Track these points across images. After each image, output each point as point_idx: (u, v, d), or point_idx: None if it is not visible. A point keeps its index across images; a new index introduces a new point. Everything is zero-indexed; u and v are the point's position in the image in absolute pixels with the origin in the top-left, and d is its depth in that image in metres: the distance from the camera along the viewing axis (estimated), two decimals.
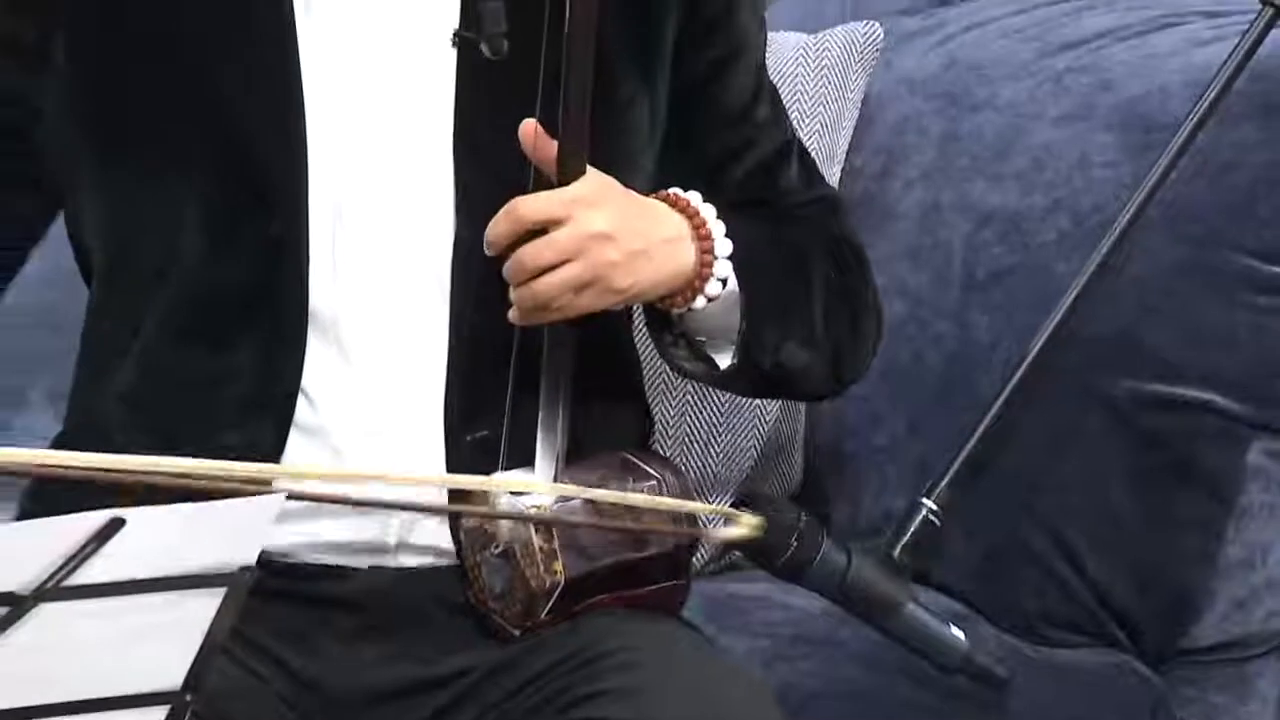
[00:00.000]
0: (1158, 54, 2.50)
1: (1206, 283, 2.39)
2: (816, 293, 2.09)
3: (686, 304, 2.01)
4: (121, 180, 2.06)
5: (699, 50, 2.11)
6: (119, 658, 1.55)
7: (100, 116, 2.06)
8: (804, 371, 2.09)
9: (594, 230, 1.95)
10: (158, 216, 2.04)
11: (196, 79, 2.03)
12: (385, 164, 2.04)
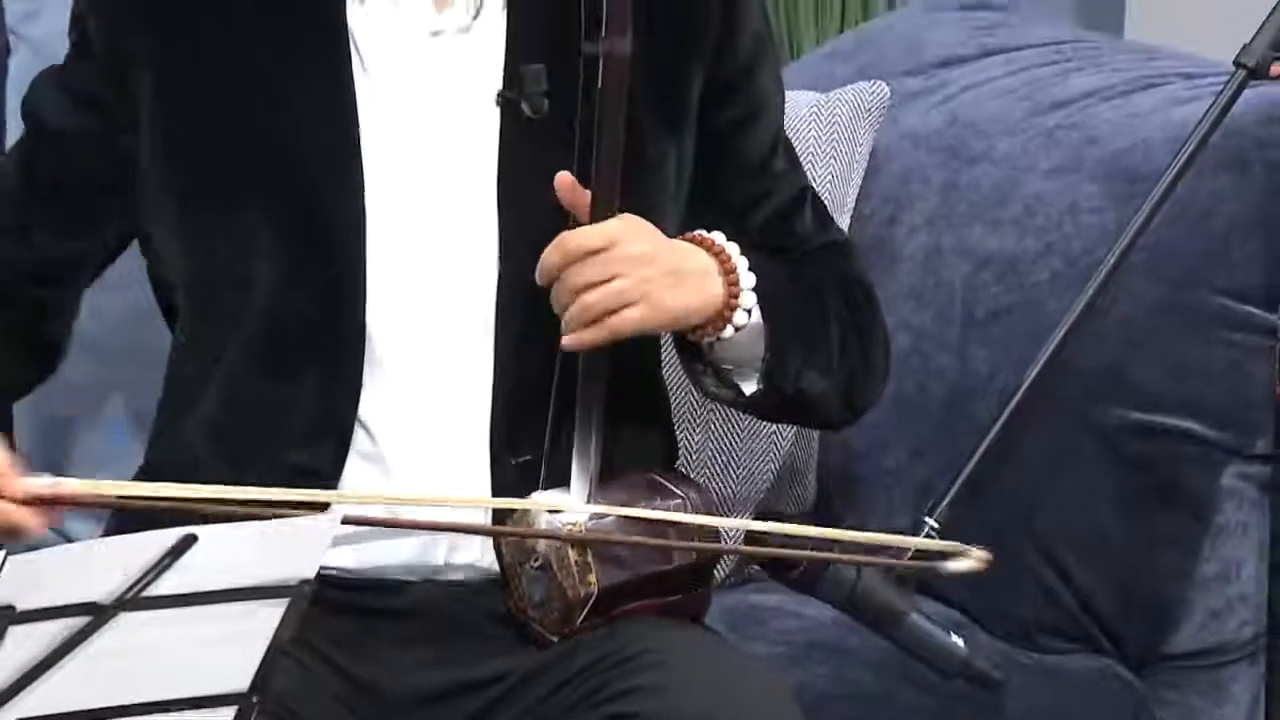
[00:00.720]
0: (1140, 112, 2.50)
1: (1186, 320, 2.38)
2: (832, 326, 2.08)
3: (715, 333, 2.00)
4: (200, 226, 2.06)
5: (722, 109, 2.11)
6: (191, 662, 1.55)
7: (179, 168, 2.06)
8: (822, 397, 2.08)
9: (635, 252, 1.94)
10: (232, 258, 2.04)
11: (265, 133, 2.04)
12: (436, 210, 2.04)
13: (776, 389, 2.04)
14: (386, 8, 2.07)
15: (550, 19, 2.04)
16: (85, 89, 2.09)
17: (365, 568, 2.02)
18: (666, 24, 2.06)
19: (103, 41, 2.08)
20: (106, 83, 2.07)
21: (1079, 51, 2.69)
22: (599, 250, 1.93)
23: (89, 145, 2.09)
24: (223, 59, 2.05)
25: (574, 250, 1.93)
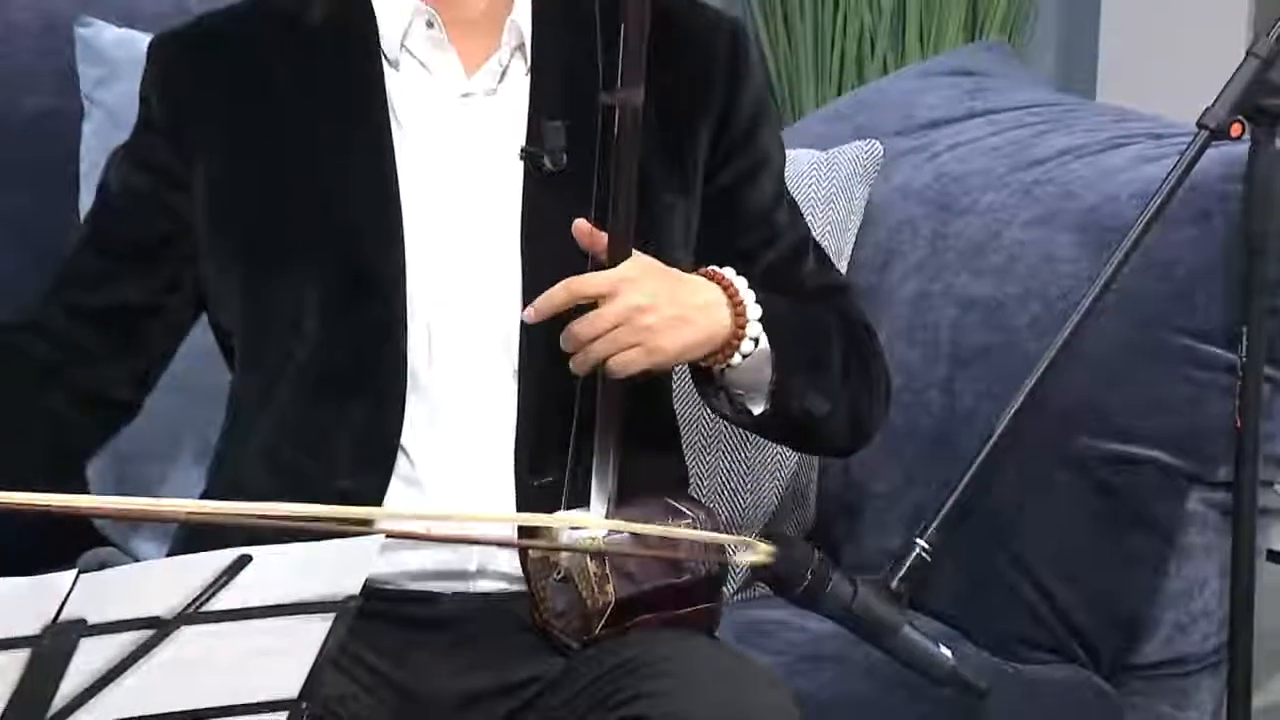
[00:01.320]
0: (1111, 169, 2.50)
1: (1153, 359, 2.38)
2: (835, 354, 2.08)
3: (725, 360, 2.00)
4: (253, 278, 2.07)
5: (727, 164, 2.12)
6: (246, 671, 1.55)
7: (235, 226, 2.07)
8: (827, 419, 2.08)
9: (635, 303, 1.95)
10: (284, 304, 2.05)
11: (313, 192, 2.05)
12: (466, 256, 2.05)
13: (783, 410, 2.04)
14: (421, 75, 2.08)
15: (569, 80, 2.05)
16: (148, 157, 2.10)
17: (405, 582, 2.03)
18: (677, 85, 2.06)
19: (164, 118, 2.10)
20: (168, 151, 2.09)
21: (1055, 113, 2.69)
22: (604, 295, 1.94)
23: (150, 207, 2.10)
24: (273, 126, 2.06)
25: (579, 292, 1.94)
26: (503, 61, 2.07)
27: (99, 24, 2.58)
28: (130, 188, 2.11)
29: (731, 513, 2.52)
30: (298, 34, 2.09)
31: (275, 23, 2.10)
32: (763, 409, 2.04)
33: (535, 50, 2.07)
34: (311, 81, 2.07)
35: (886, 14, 3.63)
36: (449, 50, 2.07)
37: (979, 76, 2.82)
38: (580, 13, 2.06)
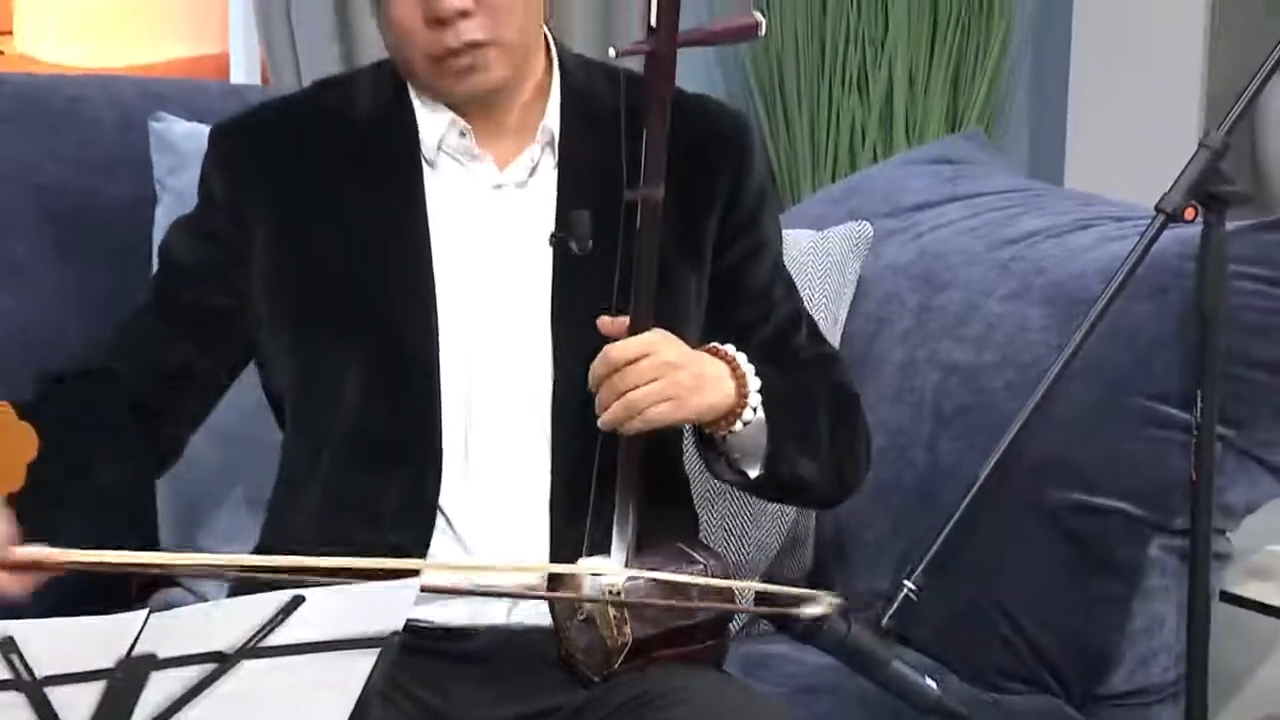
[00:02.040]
0: (1078, 248, 2.50)
1: (1117, 419, 2.38)
2: (822, 422, 2.08)
3: (728, 427, 2.00)
4: (300, 350, 2.07)
5: (732, 246, 2.12)
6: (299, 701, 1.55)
7: (285, 302, 2.07)
8: (813, 481, 2.08)
9: (668, 359, 1.94)
10: (329, 376, 2.04)
11: (355, 274, 2.05)
12: (499, 332, 2.05)
13: (775, 474, 2.04)
14: (457, 170, 2.08)
15: (594, 172, 2.05)
16: (208, 232, 2.10)
17: (444, 620, 2.02)
18: (691, 175, 2.07)
19: (224, 195, 2.09)
20: (227, 228, 2.09)
21: (1027, 198, 2.69)
22: (638, 357, 1.94)
23: (209, 277, 2.09)
24: (321, 214, 2.06)
25: (616, 359, 1.94)
26: (534, 157, 2.08)
27: (170, 119, 2.59)
28: (190, 257, 2.11)
29: (738, 557, 2.51)
30: (346, 128, 2.09)
31: (326, 116, 2.10)
32: (758, 473, 2.04)
33: (563, 145, 2.08)
34: (357, 173, 2.07)
35: (875, 108, 3.64)
36: (482, 155, 2.07)
37: (959, 164, 2.82)
38: (604, 109, 2.06)
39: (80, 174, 2.56)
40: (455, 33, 1.98)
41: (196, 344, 2.10)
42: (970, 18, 3.65)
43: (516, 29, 2.01)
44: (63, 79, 2.73)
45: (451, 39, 1.99)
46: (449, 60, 2.00)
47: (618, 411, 1.94)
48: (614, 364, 1.94)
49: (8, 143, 2.53)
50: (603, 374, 1.94)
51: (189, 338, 2.10)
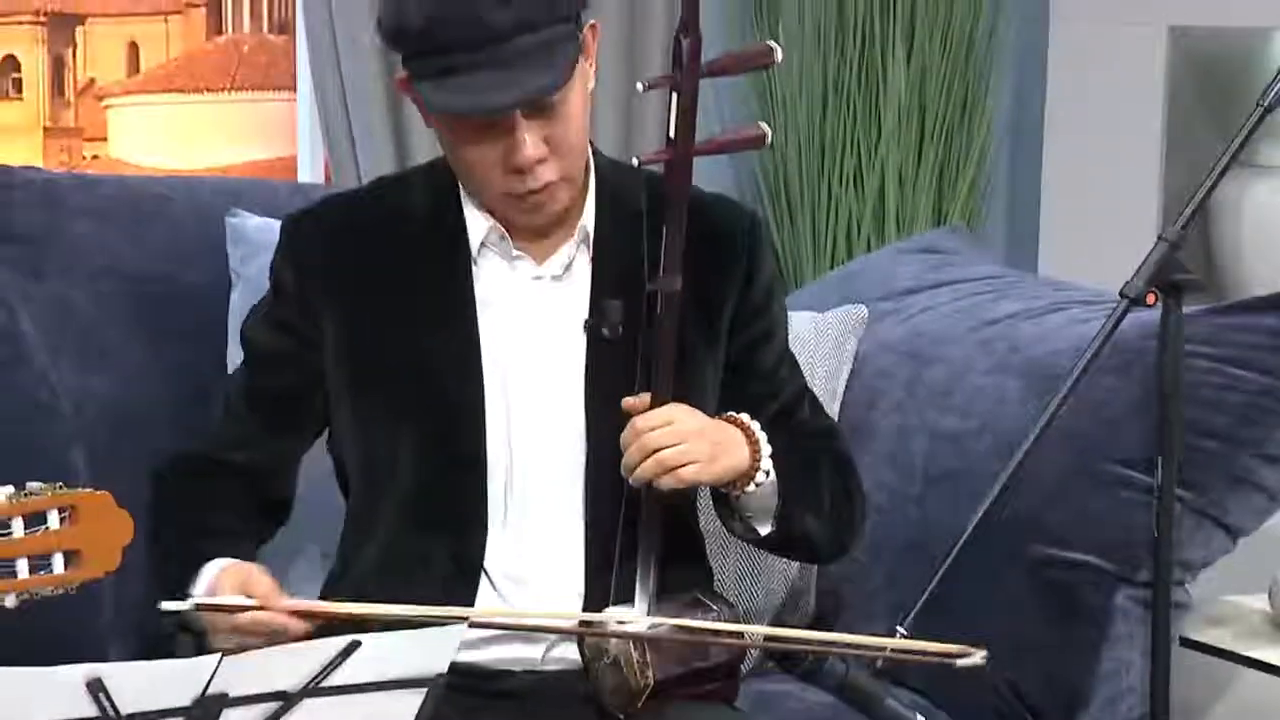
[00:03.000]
0: (1051, 328, 2.50)
1: (1087, 481, 2.37)
2: (824, 487, 2.07)
3: (741, 489, 1.99)
4: (363, 423, 2.07)
5: (745, 329, 2.11)
6: None
7: (350, 381, 2.07)
8: (817, 537, 2.07)
9: (690, 428, 1.93)
10: (387, 446, 2.04)
11: (412, 357, 2.04)
12: (538, 407, 2.04)
13: (785, 530, 2.03)
14: (502, 266, 2.07)
15: (623, 264, 2.04)
16: (281, 320, 2.10)
17: (484, 662, 2.01)
18: (708, 266, 2.06)
19: (293, 287, 2.09)
20: (296, 315, 2.08)
21: (1006, 284, 2.69)
22: (661, 425, 1.92)
23: (287, 363, 2.09)
24: (379, 300, 2.06)
25: (642, 429, 1.93)
26: (570, 254, 2.07)
27: (244, 214, 2.60)
28: (269, 347, 2.11)
29: (748, 605, 2.50)
30: (403, 223, 2.08)
31: (385, 212, 2.10)
32: (769, 530, 2.03)
33: (596, 241, 2.07)
34: (412, 263, 2.07)
35: (870, 204, 3.64)
36: (521, 254, 2.06)
37: (944, 254, 2.82)
38: (632, 208, 2.05)
39: (165, 264, 2.56)
40: (534, 177, 1.97)
41: (289, 428, 2.10)
42: (954, 125, 3.66)
43: (580, 161, 2.01)
44: (150, 180, 2.74)
45: (531, 182, 1.97)
46: (525, 199, 1.99)
47: (649, 467, 1.93)
48: (641, 430, 1.93)
49: (102, 237, 2.54)
50: (631, 439, 1.93)
51: (281, 422, 2.10)
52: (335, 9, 3.24)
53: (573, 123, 1.95)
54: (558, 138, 1.95)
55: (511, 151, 1.95)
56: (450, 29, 1.88)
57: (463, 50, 1.89)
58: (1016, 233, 3.84)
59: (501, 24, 1.88)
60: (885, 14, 3.59)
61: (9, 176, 2.56)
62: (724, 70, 1.95)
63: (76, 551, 1.69)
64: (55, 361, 2.44)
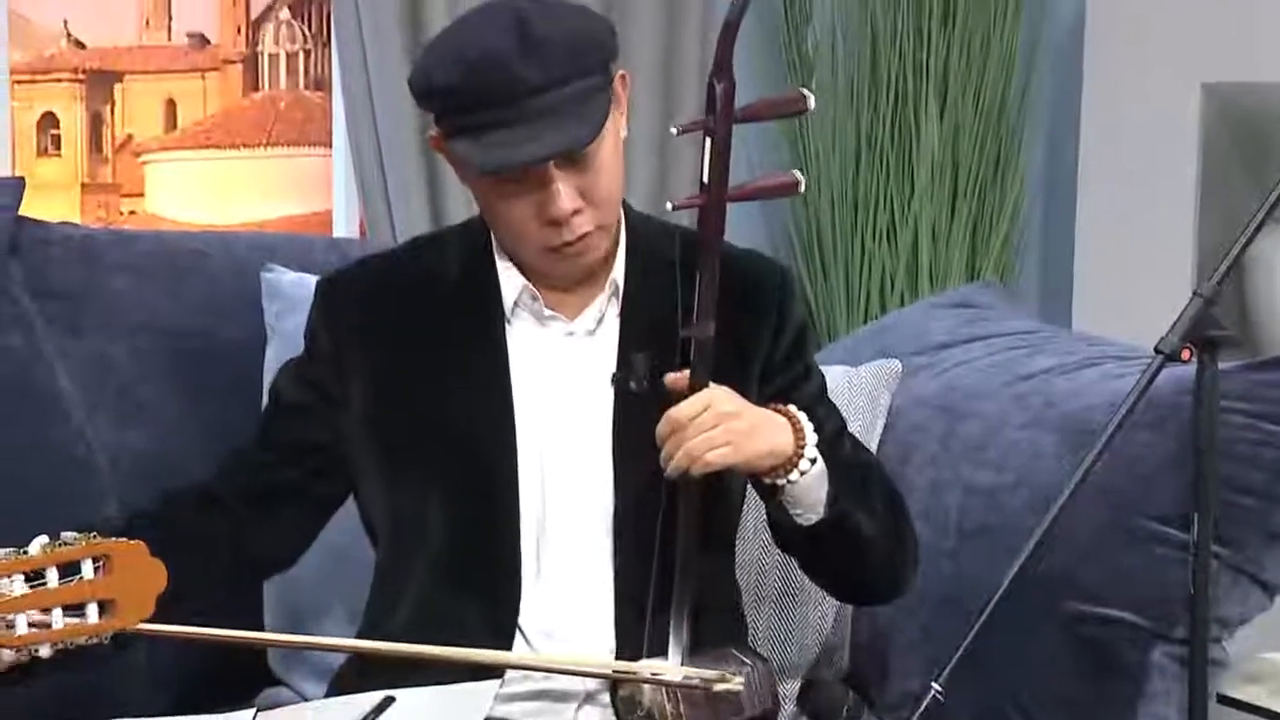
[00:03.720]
0: (1086, 383, 2.49)
1: (1122, 537, 2.35)
2: (875, 492, 2.07)
3: (787, 475, 1.97)
4: (393, 482, 2.07)
5: (780, 374, 2.12)
6: None
7: (379, 440, 2.07)
8: (870, 543, 2.04)
9: (725, 410, 1.92)
10: (417, 505, 2.04)
11: (443, 417, 2.05)
12: (569, 461, 2.04)
13: (837, 520, 1.99)
14: (534, 324, 2.08)
15: (652, 317, 2.05)
16: (312, 378, 2.11)
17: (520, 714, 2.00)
18: (740, 318, 2.07)
19: (327, 346, 2.10)
20: (328, 375, 2.09)
21: (1039, 339, 2.68)
22: (699, 412, 1.91)
23: (309, 416, 2.10)
24: (413, 360, 2.06)
25: (678, 418, 1.92)
26: (602, 309, 2.08)
27: (279, 270, 2.61)
28: (294, 399, 2.11)
29: (782, 660, 2.49)
30: (437, 285, 2.09)
31: (420, 274, 2.11)
32: (820, 516, 1.99)
33: (626, 294, 2.08)
34: (446, 324, 2.07)
35: (903, 259, 3.64)
36: (553, 313, 2.07)
37: (978, 309, 2.82)
38: (661, 259, 2.06)
39: (201, 319, 2.58)
40: (570, 229, 1.98)
41: (295, 471, 2.10)
42: (987, 181, 3.67)
43: (615, 210, 2.02)
44: (187, 235, 2.76)
45: (567, 234, 1.98)
46: (562, 251, 2.00)
47: (680, 460, 1.92)
48: (676, 422, 1.92)
49: (139, 293, 2.56)
50: (666, 432, 1.92)
51: (287, 465, 2.10)
52: (371, 65, 3.26)
53: (606, 173, 1.97)
54: (592, 188, 1.97)
55: (546, 204, 1.96)
56: (480, 87, 1.90)
57: (494, 107, 1.90)
58: (1050, 287, 3.84)
59: (531, 80, 1.89)
60: (918, 71, 3.61)
61: (47, 233, 2.58)
62: (757, 115, 1.96)
63: (111, 601, 1.70)
64: (92, 417, 2.46)
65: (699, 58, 3.47)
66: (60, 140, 3.88)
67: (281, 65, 4.06)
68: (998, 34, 3.63)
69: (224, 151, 3.99)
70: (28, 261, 2.53)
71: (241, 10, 4.03)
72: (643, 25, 3.42)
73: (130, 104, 3.94)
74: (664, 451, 1.93)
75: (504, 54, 1.89)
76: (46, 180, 3.83)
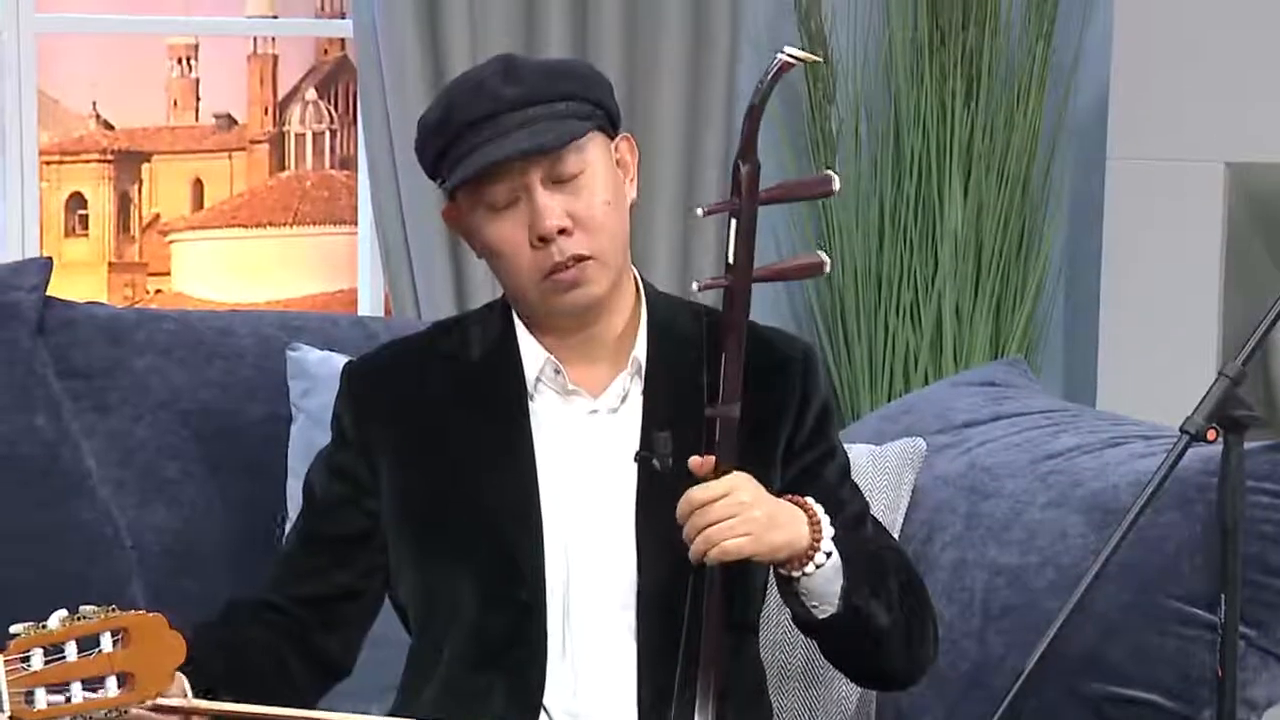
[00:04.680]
0: (1111, 463, 2.48)
1: (1148, 618, 2.34)
2: (893, 582, 2.05)
3: (802, 568, 1.97)
4: (422, 565, 2.07)
5: (804, 453, 2.12)
6: None
7: (408, 524, 2.08)
8: (887, 632, 2.03)
9: (743, 499, 1.92)
10: (446, 588, 2.04)
11: (469, 499, 2.05)
12: (593, 540, 2.04)
13: (851, 612, 1.99)
14: (558, 401, 2.09)
15: (676, 396, 2.06)
16: (341, 468, 2.11)
17: None
18: (764, 397, 2.06)
19: (353, 433, 2.11)
20: (356, 462, 2.10)
21: (1064, 418, 2.68)
22: (717, 497, 1.92)
23: (344, 508, 2.10)
24: (438, 444, 2.07)
25: (698, 500, 1.92)
26: (625, 386, 2.09)
27: (305, 348, 2.62)
28: (327, 494, 2.12)
29: None
30: (460, 368, 2.10)
31: (444, 359, 2.11)
32: (834, 611, 1.99)
33: (649, 373, 2.08)
34: (469, 406, 2.08)
35: (927, 336, 3.65)
36: (577, 389, 2.08)
37: (1002, 387, 2.81)
38: (684, 339, 2.07)
39: (225, 397, 2.59)
40: (559, 248, 2.01)
41: (345, 569, 2.10)
42: (1010, 258, 3.67)
43: (608, 242, 2.03)
44: (212, 314, 2.78)
45: (557, 254, 2.01)
46: (557, 275, 2.01)
47: (698, 546, 1.92)
48: (696, 503, 1.92)
49: (165, 372, 2.57)
50: (685, 513, 1.93)
51: (337, 565, 2.10)
52: (396, 144, 3.29)
53: (597, 201, 2.01)
54: (582, 214, 2.00)
55: (534, 221, 1.99)
56: (464, 110, 2.01)
57: (476, 124, 2.00)
58: (1074, 366, 3.83)
59: (510, 97, 2.00)
60: (942, 149, 3.62)
61: (74, 313, 2.60)
62: (783, 197, 1.97)
63: (130, 674, 1.70)
64: (117, 496, 2.47)
65: (724, 133, 3.49)
66: (88, 220, 3.91)
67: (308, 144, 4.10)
68: (1021, 112, 3.65)
69: (250, 230, 4.02)
70: (55, 342, 2.55)
71: (269, 91, 4.06)
72: (665, 101, 3.44)
73: (158, 184, 3.97)
74: (684, 534, 1.94)
75: (487, 81, 2.02)
76: (74, 260, 3.86)
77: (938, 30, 3.60)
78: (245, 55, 4.09)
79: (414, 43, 3.24)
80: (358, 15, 3.29)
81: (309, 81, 4.13)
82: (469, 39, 3.27)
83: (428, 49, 3.25)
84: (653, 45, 3.43)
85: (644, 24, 3.43)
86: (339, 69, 4.11)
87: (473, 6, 3.27)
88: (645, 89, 3.42)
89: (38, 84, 3.15)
